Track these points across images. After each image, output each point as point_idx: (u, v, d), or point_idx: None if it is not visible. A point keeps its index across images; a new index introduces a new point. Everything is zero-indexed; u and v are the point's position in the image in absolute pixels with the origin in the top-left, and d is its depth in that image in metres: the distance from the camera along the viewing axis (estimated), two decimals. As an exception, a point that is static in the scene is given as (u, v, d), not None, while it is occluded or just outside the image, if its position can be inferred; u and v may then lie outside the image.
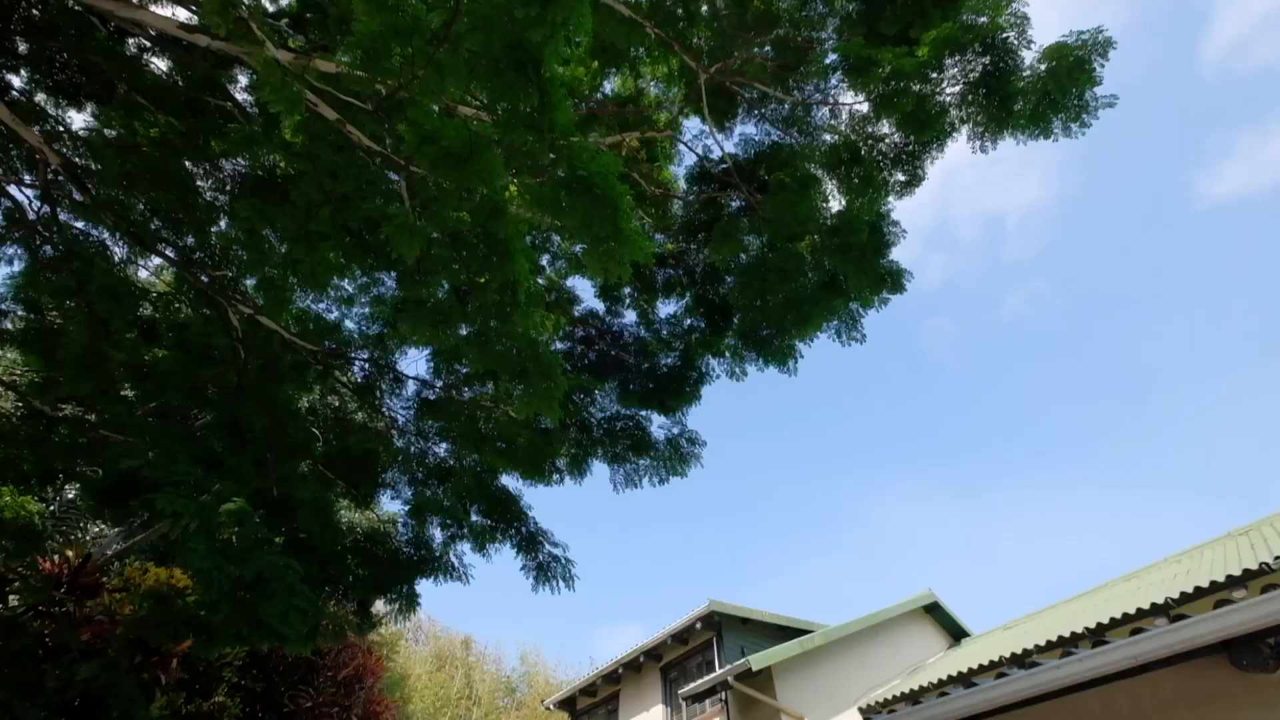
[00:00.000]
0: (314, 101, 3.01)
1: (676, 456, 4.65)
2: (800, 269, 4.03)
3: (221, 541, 3.22)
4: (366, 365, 4.54)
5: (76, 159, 3.92)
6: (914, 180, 4.40)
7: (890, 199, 4.28)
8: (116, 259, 4.81)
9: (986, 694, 3.55)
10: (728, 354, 4.48)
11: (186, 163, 4.53)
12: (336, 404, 6.76)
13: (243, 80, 4.80)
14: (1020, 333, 47.18)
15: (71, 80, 4.78)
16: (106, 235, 4.34)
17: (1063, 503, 47.67)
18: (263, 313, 3.84)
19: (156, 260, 5.04)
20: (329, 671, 6.98)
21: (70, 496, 9.68)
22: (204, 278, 3.87)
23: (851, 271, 3.95)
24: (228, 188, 4.89)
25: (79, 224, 4.17)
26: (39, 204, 4.49)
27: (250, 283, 4.81)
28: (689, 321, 5.82)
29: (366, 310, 5.27)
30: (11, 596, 5.27)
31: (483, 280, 2.57)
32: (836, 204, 4.56)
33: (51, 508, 8.08)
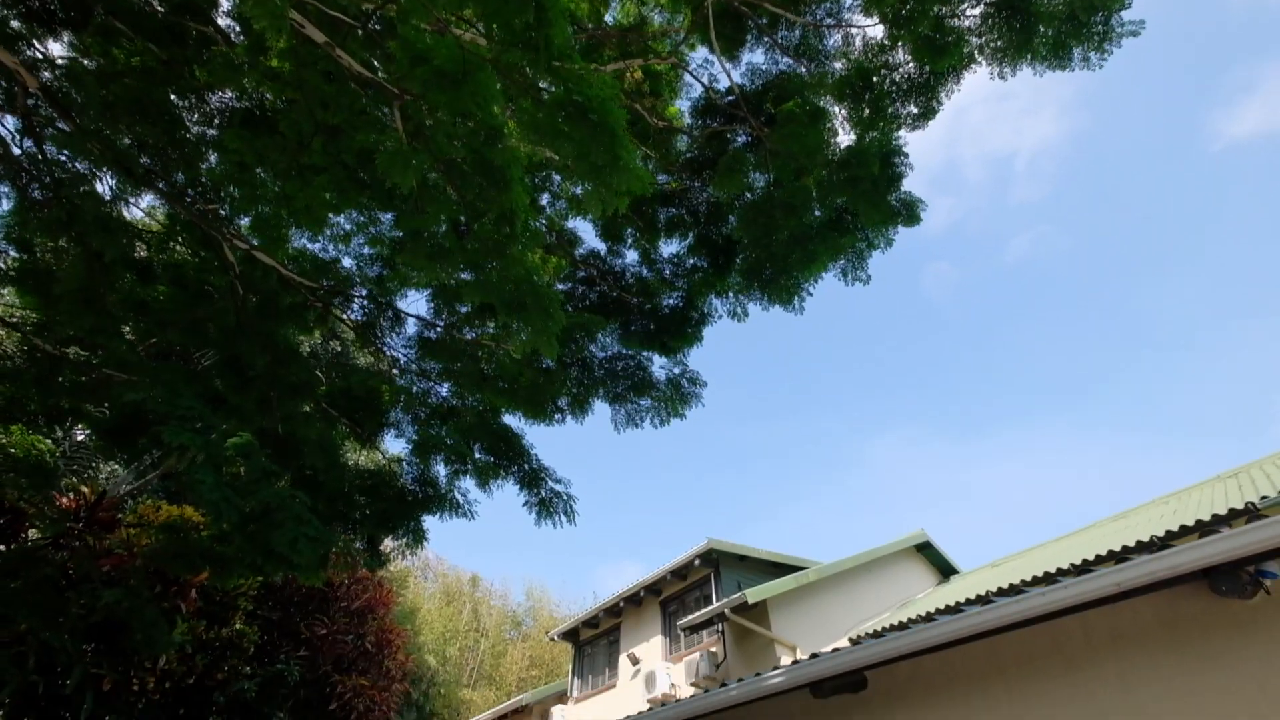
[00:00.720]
0: (299, 22, 2.87)
1: (677, 396, 4.69)
2: (807, 205, 3.94)
3: (229, 476, 3.28)
4: (366, 303, 4.51)
5: (56, 86, 3.77)
6: (927, 113, 4.25)
7: (902, 132, 4.14)
8: (106, 195, 4.71)
9: (972, 619, 3.70)
10: (732, 293, 4.44)
11: (172, 95, 4.38)
12: (338, 349, 6.77)
13: (224, 4, 4.58)
14: (1023, 277, 46.64)
15: (45, 6, 4.56)
16: (93, 169, 4.23)
17: (1057, 448, 48.40)
18: (259, 249, 3.79)
19: (147, 200, 4.94)
20: (342, 603, 7.27)
21: (80, 439, 9.86)
22: (197, 210, 3.79)
23: (862, 206, 3.87)
24: (215, 122, 4.74)
25: (65, 156, 4.06)
26: (23, 139, 4.36)
27: (244, 222, 4.73)
28: (691, 261, 5.75)
29: (364, 249, 5.20)
30: (31, 531, 5.43)
31: (480, 210, 2.51)
32: (846, 138, 4.42)
33: (62, 448, 8.23)
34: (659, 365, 5.10)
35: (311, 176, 3.64)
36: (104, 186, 4.73)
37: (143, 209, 5.45)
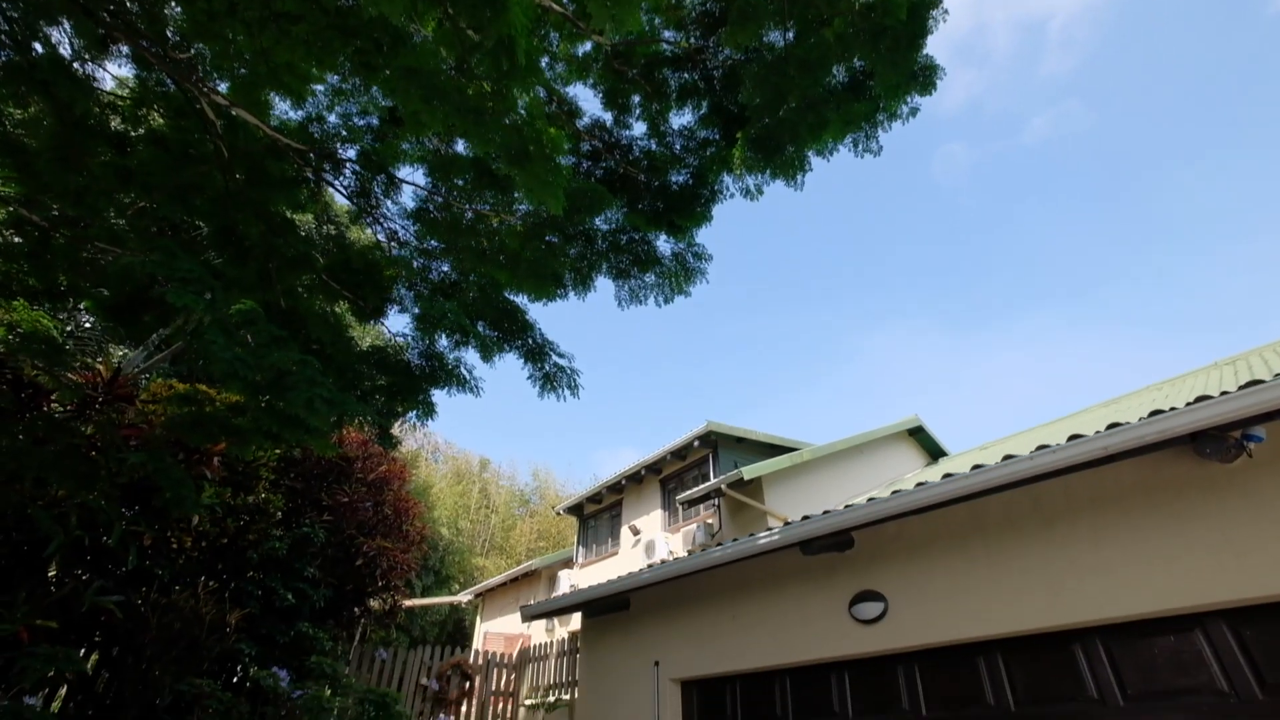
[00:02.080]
0: None
1: (682, 272, 4.62)
2: (824, 61, 3.64)
3: (239, 342, 3.30)
4: (357, 167, 4.32)
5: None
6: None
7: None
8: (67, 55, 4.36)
9: (959, 483, 3.90)
10: (740, 165, 4.22)
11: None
12: (334, 232, 6.59)
13: None
14: (1040, 160, 44.47)
15: None
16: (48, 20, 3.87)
17: (1059, 341, 48.74)
18: (238, 103, 3.55)
19: (115, 69, 4.58)
20: (359, 475, 7.66)
21: (87, 325, 9.92)
22: (168, 62, 3.52)
23: (881, 64, 3.58)
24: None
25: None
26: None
27: (223, 88, 4.42)
28: (704, 134, 5.43)
29: (355, 120, 4.90)
30: (55, 405, 5.58)
31: (476, 39, 2.30)
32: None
33: (69, 328, 8.30)
34: (664, 241, 4.98)
35: (288, 26, 3.34)
36: (65, 45, 4.37)
37: (113, 77, 5.09)
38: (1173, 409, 6.28)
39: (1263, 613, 3.18)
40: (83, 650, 5.59)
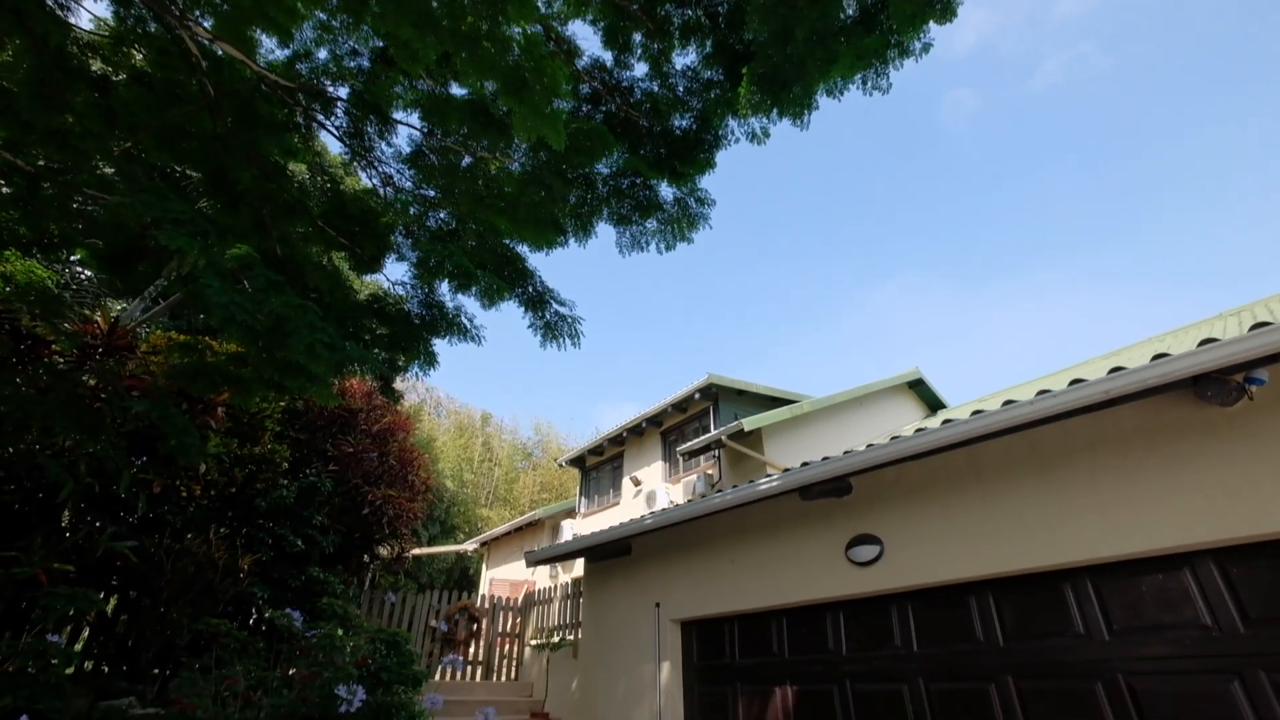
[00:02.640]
0: None
1: (684, 218, 4.53)
2: (835, -10, 3.47)
3: (236, 288, 3.27)
4: (349, 106, 4.18)
5: None
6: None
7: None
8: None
9: (959, 428, 3.93)
10: (746, 104, 4.07)
11: None
12: (329, 185, 6.44)
13: None
14: (1050, 106, 43.16)
15: None
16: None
17: (1064, 296, 48.45)
18: (221, 38, 3.41)
19: (90, 9, 4.36)
20: (363, 427, 7.74)
21: (84, 278, 9.82)
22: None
23: (895, -7, 3.41)
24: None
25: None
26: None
27: (207, 25, 4.23)
28: (707, 75, 5.22)
29: (347, 61, 4.72)
30: (56, 357, 5.58)
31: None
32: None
33: (63, 279, 8.23)
34: (666, 187, 4.86)
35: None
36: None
37: (91, 16, 4.87)
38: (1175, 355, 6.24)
39: (1251, 551, 3.25)
40: (101, 594, 5.77)
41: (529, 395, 58.79)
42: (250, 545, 6.31)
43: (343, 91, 4.14)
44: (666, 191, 4.72)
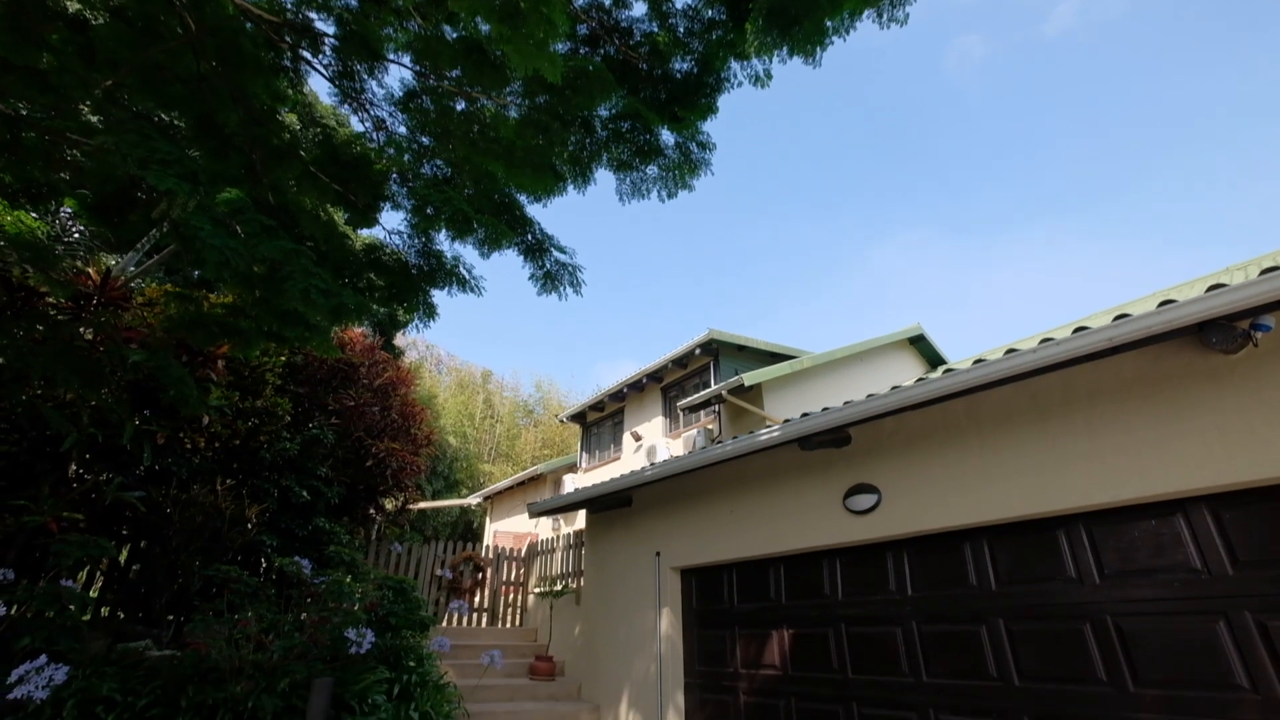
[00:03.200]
0: None
1: (686, 163, 4.41)
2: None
3: (228, 233, 3.20)
4: (338, 43, 4.01)
5: None
6: None
7: None
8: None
9: (960, 377, 3.92)
10: (753, 42, 3.89)
11: None
12: (320, 137, 6.27)
13: None
14: (1061, 53, 41.71)
15: None
16: None
17: (1070, 256, 47.88)
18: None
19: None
20: (364, 381, 7.75)
21: (76, 235, 9.67)
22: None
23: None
24: None
25: None
26: None
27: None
28: (709, 14, 5.01)
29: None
30: (50, 309, 5.53)
31: None
32: None
33: (54, 231, 8.10)
34: (667, 133, 4.72)
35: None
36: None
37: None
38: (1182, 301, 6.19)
39: (1246, 497, 3.28)
40: (113, 545, 5.88)
41: (529, 355, 58.94)
42: (256, 496, 6.40)
43: (331, 29, 3.96)
44: (667, 136, 4.58)
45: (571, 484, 14.38)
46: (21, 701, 3.55)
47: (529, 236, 4.46)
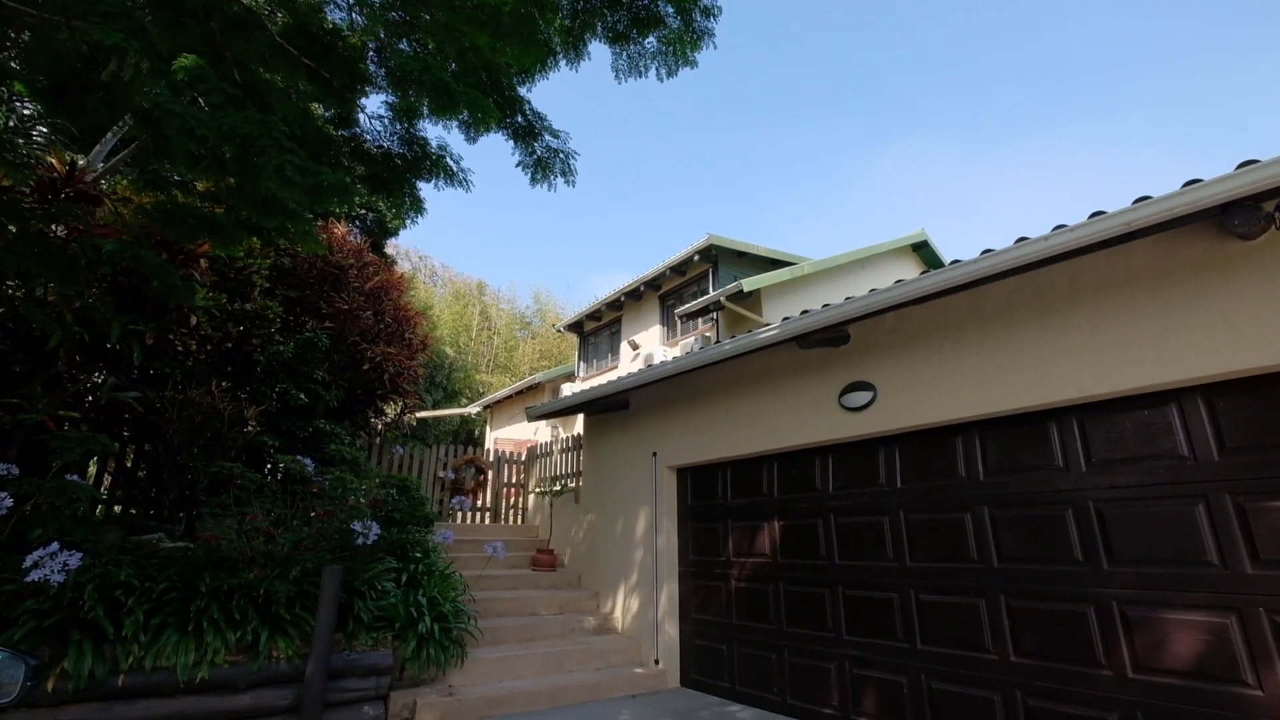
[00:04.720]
0: None
1: (688, 34, 4.04)
2: None
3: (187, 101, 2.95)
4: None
5: None
6: None
7: None
8: None
9: (966, 268, 3.81)
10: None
11: None
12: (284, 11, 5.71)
13: None
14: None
15: None
16: None
17: (1082, 160, 46.12)
18: None
19: None
20: (355, 284, 7.58)
21: (38, 138, 9.07)
22: None
23: None
24: None
25: None
26: None
27: None
28: None
29: None
30: (18, 200, 5.26)
31: None
32: None
33: (11, 122, 7.60)
34: (664, 3, 4.30)
35: None
36: None
37: None
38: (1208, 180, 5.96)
39: (1242, 385, 3.28)
40: (115, 444, 5.95)
41: (525, 266, 58.06)
42: (255, 399, 6.42)
43: None
44: (666, 7, 4.18)
45: (569, 392, 14.56)
46: (42, 584, 3.69)
47: (518, 119, 4.17)
